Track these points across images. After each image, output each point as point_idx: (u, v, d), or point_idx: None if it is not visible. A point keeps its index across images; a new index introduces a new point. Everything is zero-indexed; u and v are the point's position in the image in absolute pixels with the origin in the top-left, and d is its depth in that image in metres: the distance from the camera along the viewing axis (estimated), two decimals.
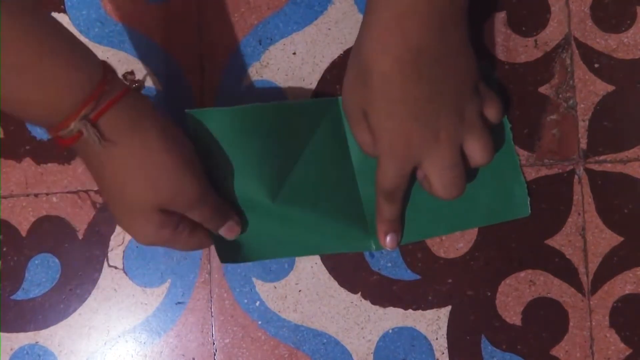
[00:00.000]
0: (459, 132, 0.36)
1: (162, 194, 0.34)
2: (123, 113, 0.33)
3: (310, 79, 0.43)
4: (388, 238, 0.41)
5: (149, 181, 0.34)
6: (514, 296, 0.42)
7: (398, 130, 0.35)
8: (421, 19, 0.33)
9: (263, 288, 0.43)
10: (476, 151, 0.36)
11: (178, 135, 0.36)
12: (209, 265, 0.43)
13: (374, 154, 0.38)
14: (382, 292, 0.42)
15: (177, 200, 0.35)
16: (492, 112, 0.37)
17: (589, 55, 0.42)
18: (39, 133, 0.45)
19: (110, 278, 0.43)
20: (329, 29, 0.44)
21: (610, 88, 0.42)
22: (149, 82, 0.44)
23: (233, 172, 0.39)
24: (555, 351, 0.41)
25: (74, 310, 0.43)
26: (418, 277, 0.42)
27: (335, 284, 0.43)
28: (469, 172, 0.38)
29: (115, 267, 0.43)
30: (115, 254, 0.44)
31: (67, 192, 0.44)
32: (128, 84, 0.35)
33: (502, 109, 0.38)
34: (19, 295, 0.44)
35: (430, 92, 0.34)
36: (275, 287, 0.43)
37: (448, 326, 0.42)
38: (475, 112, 0.36)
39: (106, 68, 0.33)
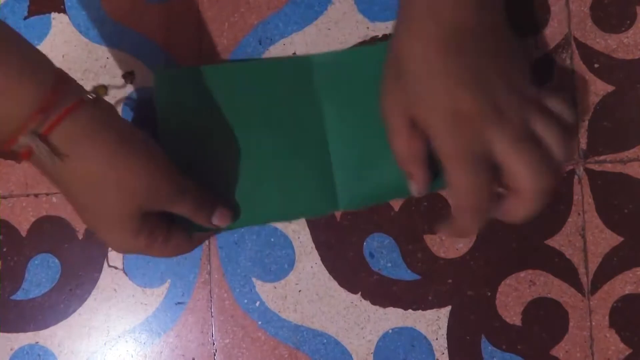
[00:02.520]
0: (524, 108, 0.30)
1: (139, 195, 0.33)
2: (77, 125, 0.30)
3: None
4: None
5: (121, 186, 0.32)
6: (514, 296, 0.42)
7: (451, 105, 0.30)
8: (455, 2, 0.30)
9: (263, 288, 0.43)
10: (549, 134, 0.31)
11: (144, 137, 0.34)
12: (209, 265, 0.43)
13: (409, 166, 0.34)
14: (382, 292, 0.42)
15: (156, 197, 0.34)
16: (557, 106, 0.32)
17: (589, 55, 0.42)
18: None
19: (110, 278, 0.43)
20: (329, 29, 0.44)
21: (610, 88, 0.42)
22: (149, 83, 0.44)
23: (203, 133, 0.40)
24: (555, 351, 0.41)
25: (74, 310, 0.43)
26: (418, 277, 0.42)
27: (335, 284, 0.43)
28: None
29: (115, 267, 0.43)
30: (115, 254, 0.44)
31: None
32: (91, 91, 0.32)
33: (570, 107, 0.34)
34: (19, 295, 0.44)
35: (478, 64, 0.30)
36: (275, 287, 0.43)
37: (448, 326, 0.42)
38: (537, 97, 0.32)
39: (60, 77, 0.30)
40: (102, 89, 0.35)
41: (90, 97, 0.31)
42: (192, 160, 0.40)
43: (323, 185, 0.41)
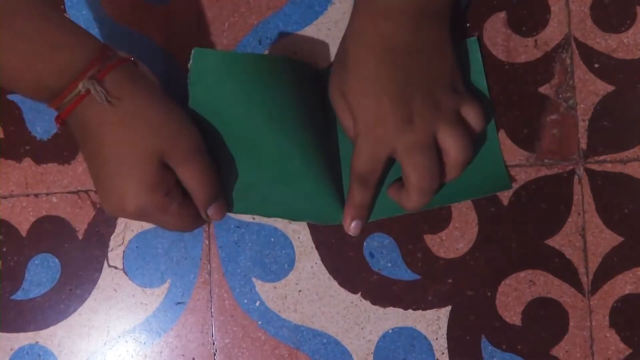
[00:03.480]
0: (434, 120, 0.36)
1: (163, 137, 0.36)
2: (124, 74, 0.36)
3: None
4: (353, 224, 0.41)
5: (150, 127, 0.35)
6: (514, 296, 0.42)
7: (372, 108, 0.36)
8: (394, 21, 0.36)
9: (263, 288, 0.43)
10: (451, 145, 0.37)
11: (171, 97, 0.38)
12: (209, 265, 0.43)
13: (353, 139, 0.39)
14: (382, 292, 0.42)
15: (177, 146, 0.36)
16: (470, 114, 0.38)
17: (589, 55, 0.42)
18: (39, 133, 0.45)
19: (110, 278, 0.43)
20: (329, 29, 0.44)
21: (610, 88, 0.42)
22: None
23: (229, 116, 0.39)
24: (555, 351, 0.41)
25: (74, 310, 0.44)
26: (418, 277, 0.42)
27: (335, 284, 0.43)
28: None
29: (115, 267, 0.43)
30: (115, 254, 0.44)
31: (67, 192, 0.44)
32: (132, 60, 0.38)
33: (482, 113, 0.38)
34: (19, 295, 0.44)
35: (404, 77, 0.36)
36: (275, 287, 0.43)
37: (448, 326, 0.42)
38: (451, 108, 0.37)
39: (104, 43, 0.36)
40: (137, 63, 0.39)
41: (133, 59, 0.38)
42: (213, 139, 0.40)
43: (331, 196, 0.41)
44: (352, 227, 0.41)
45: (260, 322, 0.43)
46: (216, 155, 0.40)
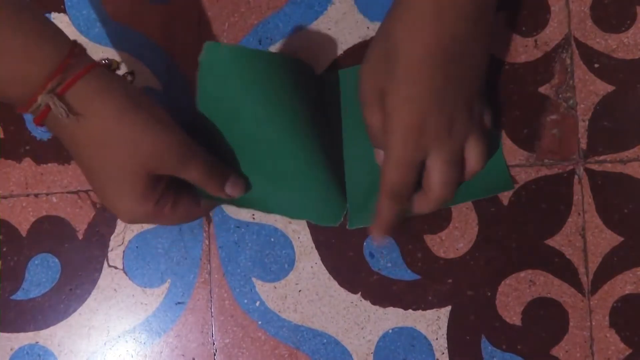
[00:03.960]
0: (468, 130, 0.36)
1: (146, 154, 0.34)
2: (90, 86, 0.32)
3: None
4: (379, 239, 0.39)
5: (130, 144, 0.33)
6: (514, 296, 0.42)
7: (416, 114, 0.34)
8: (460, 11, 0.34)
9: (263, 288, 0.43)
10: (475, 156, 0.37)
11: (153, 102, 0.36)
12: (209, 265, 0.43)
13: (378, 142, 0.37)
14: (382, 292, 0.42)
15: (165, 158, 0.34)
16: (487, 118, 0.38)
17: (589, 55, 0.42)
18: (39, 133, 0.45)
19: (110, 278, 0.43)
20: (329, 29, 0.44)
21: (610, 88, 0.42)
22: (149, 83, 0.44)
23: (236, 112, 0.39)
24: (555, 351, 0.41)
25: (74, 310, 0.44)
26: (418, 277, 0.42)
27: (335, 284, 0.43)
28: None
29: (115, 267, 0.43)
30: (115, 254, 0.44)
31: (67, 192, 0.44)
32: (103, 63, 0.35)
33: (492, 117, 0.39)
34: (19, 295, 0.44)
35: (453, 85, 0.35)
36: (275, 287, 0.43)
37: (448, 326, 0.42)
38: (479, 113, 0.37)
39: (74, 44, 0.33)
40: (115, 62, 0.36)
41: (104, 62, 0.35)
42: (218, 131, 0.39)
43: (332, 198, 0.41)
44: (377, 241, 0.40)
45: (260, 322, 0.43)
46: (220, 148, 0.40)
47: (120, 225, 0.44)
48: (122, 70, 0.40)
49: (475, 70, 0.36)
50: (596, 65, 0.42)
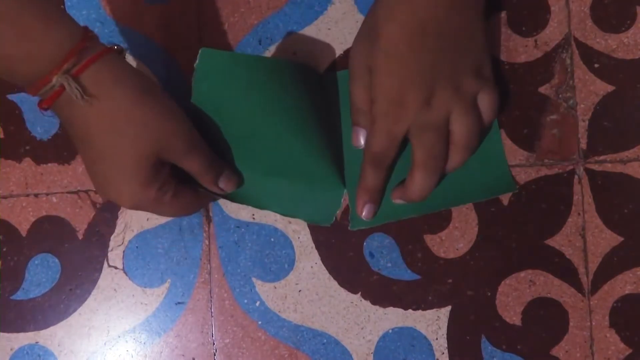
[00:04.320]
0: (450, 103, 0.37)
1: (155, 137, 0.34)
2: (105, 69, 0.33)
3: None
4: (366, 208, 0.41)
5: (140, 127, 0.34)
6: (514, 296, 0.42)
7: (396, 88, 0.37)
8: None
9: (263, 288, 0.43)
10: (459, 127, 0.37)
11: (162, 90, 0.36)
12: (209, 265, 0.43)
13: (359, 118, 0.39)
14: (382, 292, 0.42)
15: (173, 143, 0.35)
16: (484, 103, 0.38)
17: (589, 55, 0.42)
18: (39, 133, 0.45)
19: (110, 278, 0.43)
20: (329, 29, 0.44)
21: (610, 88, 0.42)
22: None
23: (231, 114, 0.40)
24: (555, 351, 0.41)
25: (74, 310, 0.44)
26: (418, 277, 0.42)
27: (335, 284, 0.43)
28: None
29: (115, 267, 0.43)
30: (115, 254, 0.44)
31: (67, 192, 0.44)
32: (115, 48, 0.35)
33: (497, 103, 0.39)
34: (19, 295, 0.44)
35: (431, 59, 0.36)
36: (275, 287, 0.43)
37: (448, 326, 0.42)
38: (470, 91, 0.37)
39: (87, 30, 0.34)
40: (123, 49, 0.36)
41: (117, 47, 0.35)
42: (212, 135, 0.40)
43: (327, 198, 0.41)
44: (365, 211, 0.41)
45: (260, 322, 0.43)
46: (213, 146, 0.40)
47: (120, 225, 0.44)
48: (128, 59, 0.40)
49: (459, 50, 0.37)
50: (596, 65, 0.42)
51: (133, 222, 0.44)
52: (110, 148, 0.34)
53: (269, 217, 0.43)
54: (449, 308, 0.42)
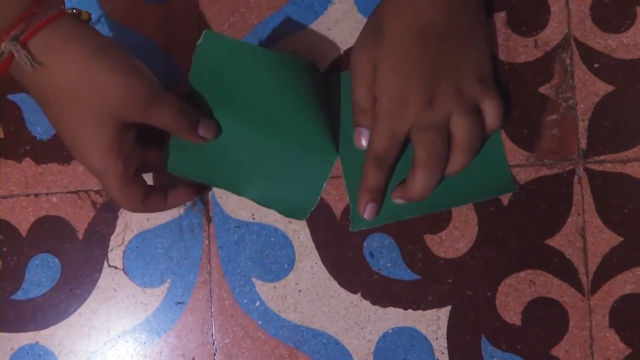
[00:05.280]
0: (451, 104, 0.37)
1: (111, 100, 0.33)
2: (55, 33, 0.32)
3: None
4: (368, 208, 0.41)
5: (94, 91, 0.33)
6: (514, 296, 0.42)
7: (400, 87, 0.37)
8: (430, 1, 0.37)
9: (263, 288, 0.43)
10: (459, 129, 0.37)
11: (125, 51, 0.35)
12: (209, 265, 0.43)
13: (360, 118, 0.39)
14: (382, 292, 0.42)
15: (129, 102, 0.34)
16: (490, 111, 0.38)
17: (589, 55, 0.42)
18: (39, 133, 0.45)
19: (110, 278, 0.43)
20: (329, 29, 0.44)
21: (610, 88, 0.42)
22: None
23: (224, 99, 0.40)
24: (555, 351, 0.41)
25: (74, 310, 0.44)
26: (418, 277, 0.42)
27: (335, 284, 0.43)
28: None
29: (115, 267, 0.43)
30: (115, 254, 0.44)
31: (67, 192, 0.44)
32: (72, 12, 0.34)
33: (501, 111, 0.39)
34: (19, 295, 0.44)
35: (433, 60, 0.37)
36: (275, 287, 0.43)
37: (448, 326, 0.42)
38: (471, 96, 0.38)
39: None
40: (85, 13, 0.36)
41: (73, 11, 0.34)
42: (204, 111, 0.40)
43: (303, 194, 0.42)
44: (367, 211, 0.41)
45: (260, 322, 0.43)
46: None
47: (120, 225, 0.44)
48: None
49: (460, 50, 0.37)
50: (596, 65, 0.42)
51: (133, 222, 0.44)
52: (69, 115, 0.34)
53: (269, 217, 0.43)
54: (449, 308, 0.42)
